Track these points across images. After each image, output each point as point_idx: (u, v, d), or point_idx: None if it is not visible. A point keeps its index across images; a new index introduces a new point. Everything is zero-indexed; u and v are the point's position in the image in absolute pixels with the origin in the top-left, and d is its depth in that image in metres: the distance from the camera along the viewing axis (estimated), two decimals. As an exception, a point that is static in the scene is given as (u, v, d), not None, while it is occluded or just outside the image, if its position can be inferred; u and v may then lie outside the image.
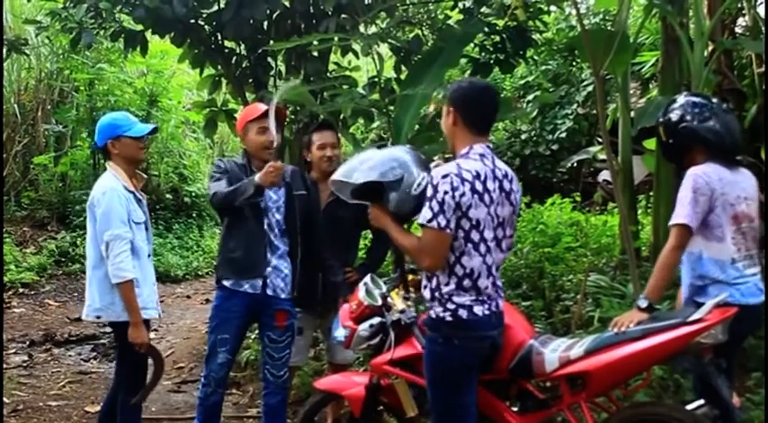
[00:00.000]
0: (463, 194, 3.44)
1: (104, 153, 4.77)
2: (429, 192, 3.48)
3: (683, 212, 3.82)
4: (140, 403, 4.78)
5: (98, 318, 4.64)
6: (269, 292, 4.79)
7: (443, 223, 3.42)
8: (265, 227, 4.78)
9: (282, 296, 4.83)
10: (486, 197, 3.52)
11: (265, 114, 4.67)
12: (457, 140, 3.70)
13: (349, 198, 3.92)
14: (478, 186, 3.49)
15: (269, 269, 4.79)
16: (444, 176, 3.45)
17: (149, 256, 4.77)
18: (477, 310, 3.54)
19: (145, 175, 5.00)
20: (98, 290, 4.56)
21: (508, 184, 3.66)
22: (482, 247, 3.53)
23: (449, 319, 3.53)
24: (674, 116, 4.05)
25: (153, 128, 4.88)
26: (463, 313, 3.52)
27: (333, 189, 4.03)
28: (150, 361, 4.80)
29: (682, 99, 4.16)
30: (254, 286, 4.78)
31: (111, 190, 4.55)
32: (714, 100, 4.22)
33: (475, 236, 3.50)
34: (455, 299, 3.52)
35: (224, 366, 4.80)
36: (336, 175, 3.89)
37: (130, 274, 4.46)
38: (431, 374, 3.67)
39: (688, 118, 3.99)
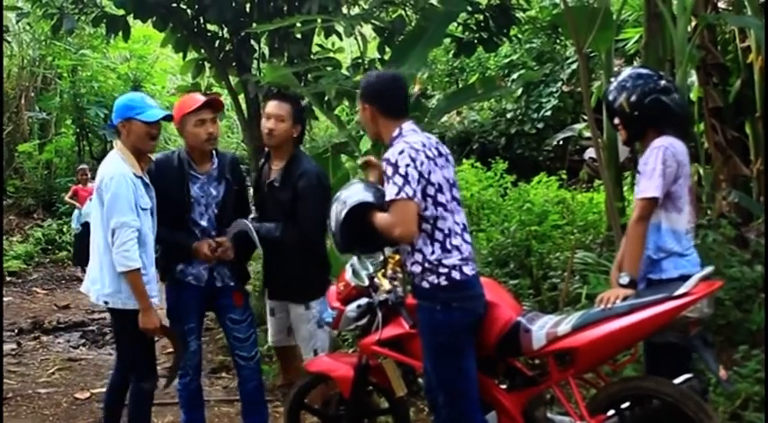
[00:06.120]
0: (422, 163, 3.59)
1: (117, 133, 4.57)
2: (389, 170, 3.58)
3: (651, 185, 3.77)
4: (168, 384, 4.93)
5: (105, 304, 4.49)
6: (218, 284, 4.75)
7: (411, 193, 3.53)
8: (205, 223, 4.69)
9: (231, 284, 4.78)
10: (439, 162, 3.69)
11: (203, 106, 4.57)
12: (382, 130, 3.86)
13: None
14: (429, 153, 3.66)
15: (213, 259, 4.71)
16: (401, 152, 3.59)
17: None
18: (467, 269, 3.66)
19: (152, 158, 4.74)
20: (108, 275, 4.40)
21: (442, 148, 3.82)
22: (449, 207, 3.68)
23: (444, 283, 3.61)
24: (638, 89, 3.94)
25: (165, 115, 4.59)
26: (456, 275, 3.62)
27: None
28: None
29: (628, 72, 4.07)
30: (199, 279, 4.73)
31: (120, 175, 4.38)
32: (660, 72, 4.22)
33: (441, 198, 3.65)
34: (445, 262, 3.61)
35: (196, 353, 4.83)
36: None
37: (136, 264, 4.28)
38: (433, 345, 3.70)
39: (650, 90, 3.93)
